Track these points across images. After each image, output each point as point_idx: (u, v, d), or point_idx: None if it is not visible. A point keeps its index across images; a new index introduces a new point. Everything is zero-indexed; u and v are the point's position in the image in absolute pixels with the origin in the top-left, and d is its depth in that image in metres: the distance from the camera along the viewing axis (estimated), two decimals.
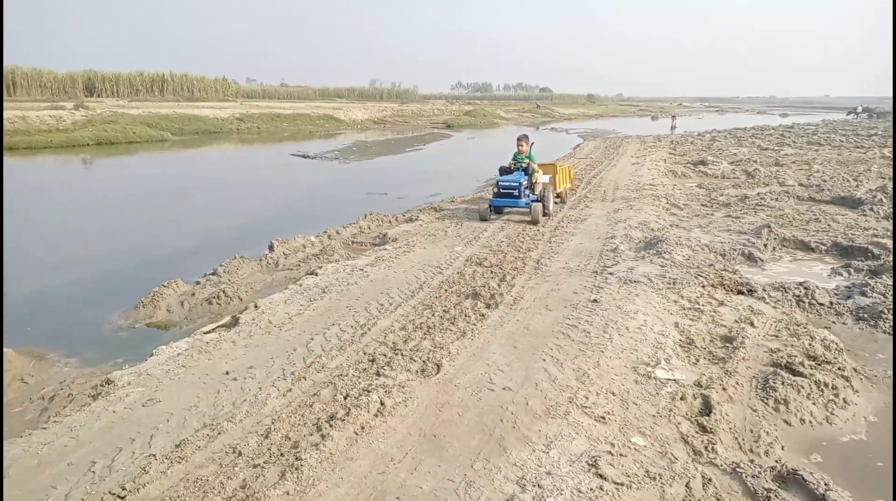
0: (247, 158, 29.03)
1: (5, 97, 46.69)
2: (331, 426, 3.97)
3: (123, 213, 14.18)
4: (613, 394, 4.48)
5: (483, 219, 10.94)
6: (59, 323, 6.94)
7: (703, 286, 6.86)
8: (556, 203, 12.42)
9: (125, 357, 5.73)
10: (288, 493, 3.31)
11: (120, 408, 4.41)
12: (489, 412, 4.20)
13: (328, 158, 25.90)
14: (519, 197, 10.88)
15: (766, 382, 4.64)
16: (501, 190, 10.99)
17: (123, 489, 3.42)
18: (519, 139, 11.47)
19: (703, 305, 6.30)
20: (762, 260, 8.18)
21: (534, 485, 3.37)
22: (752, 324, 5.75)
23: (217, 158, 28.97)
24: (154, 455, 3.73)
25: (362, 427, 3.99)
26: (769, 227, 9.30)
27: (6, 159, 24.51)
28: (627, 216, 11.25)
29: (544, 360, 5.03)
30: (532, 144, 11.55)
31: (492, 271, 7.67)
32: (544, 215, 11.19)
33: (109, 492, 3.42)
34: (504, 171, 11.51)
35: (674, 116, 54.81)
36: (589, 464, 3.58)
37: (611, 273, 7.49)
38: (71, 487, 3.52)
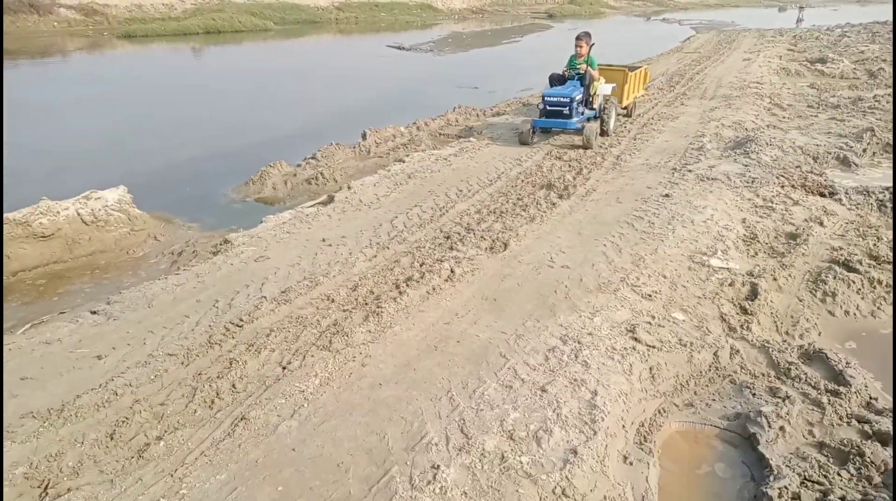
0: (343, 50, 29.42)
1: None
2: (407, 285, 4.64)
3: (232, 99, 15.22)
4: (664, 277, 4.85)
5: (524, 143, 8.97)
6: (183, 194, 7.99)
7: (783, 187, 6.83)
8: (621, 118, 10.52)
9: (238, 224, 6.64)
10: (370, 331, 4.04)
11: (236, 262, 5.29)
12: (545, 285, 4.72)
13: (422, 50, 25.81)
14: (570, 116, 8.61)
15: (818, 275, 4.83)
16: (548, 106, 8.67)
17: (241, 320, 4.27)
18: (578, 38, 9.00)
19: (776, 204, 6.35)
20: (857, 165, 7.87)
21: (574, 341, 3.91)
22: (821, 223, 5.79)
23: (316, 49, 29.56)
24: (265, 297, 4.56)
25: (433, 288, 4.63)
26: (872, 130, 8.80)
27: (135, 46, 26.28)
28: (723, 115, 10.88)
29: (605, 245, 5.42)
30: (592, 45, 9.00)
31: (569, 165, 7.93)
32: (603, 133, 9.19)
33: (230, 322, 4.28)
34: (555, 80, 9.24)
35: (801, 7, 49.01)
36: (627, 330, 4.06)
37: (689, 170, 7.55)
38: (200, 317, 4.41)
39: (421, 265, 5.03)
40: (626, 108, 10.62)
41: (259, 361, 3.73)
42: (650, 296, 4.54)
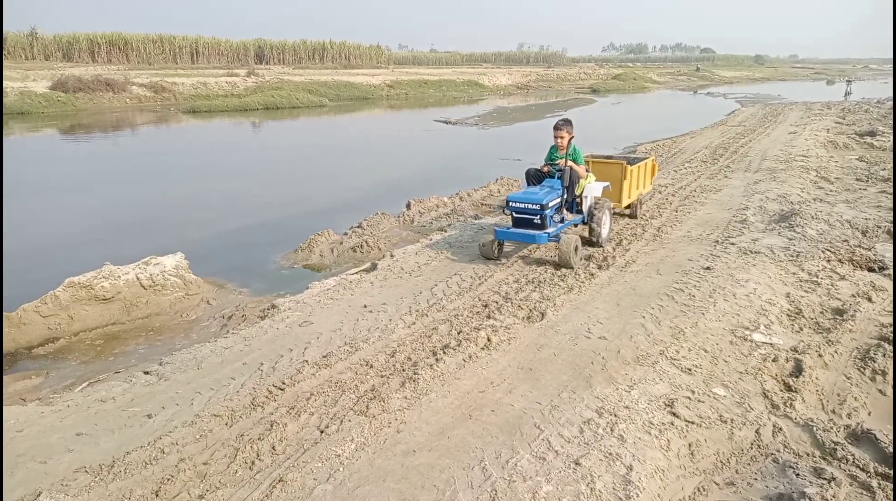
0: (393, 124, 30.69)
1: (195, 64, 52.67)
2: (444, 352, 4.72)
3: (285, 171, 16.00)
4: (705, 351, 4.80)
5: (488, 258, 7.11)
6: (235, 261, 8.37)
7: (829, 261, 6.72)
8: (621, 217, 8.82)
9: (286, 289, 6.90)
10: (406, 397, 4.12)
11: (282, 326, 5.49)
12: (582, 355, 4.73)
13: (468, 124, 26.72)
14: (543, 226, 6.68)
15: (866, 352, 4.69)
16: (514, 213, 6.83)
17: (283, 383, 4.41)
18: (556, 128, 7.22)
19: (821, 278, 6.24)
20: None
21: (610, 414, 3.88)
22: (869, 299, 5.66)
23: (366, 124, 30.94)
24: (306, 361, 4.71)
25: (470, 357, 4.70)
26: None
27: (198, 120, 28.12)
28: (768, 188, 10.85)
29: (643, 317, 5.41)
30: (571, 139, 7.23)
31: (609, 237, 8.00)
32: (591, 244, 7.41)
33: (273, 385, 4.42)
34: (532, 177, 7.47)
35: (849, 81, 48.81)
36: (665, 404, 4.01)
37: (732, 243, 7.52)
38: (245, 379, 4.58)
39: (458, 333, 5.12)
40: (628, 208, 8.85)
41: (299, 424, 3.83)
42: (690, 370, 4.49)
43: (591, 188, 7.44)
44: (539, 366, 4.57)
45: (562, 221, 7.13)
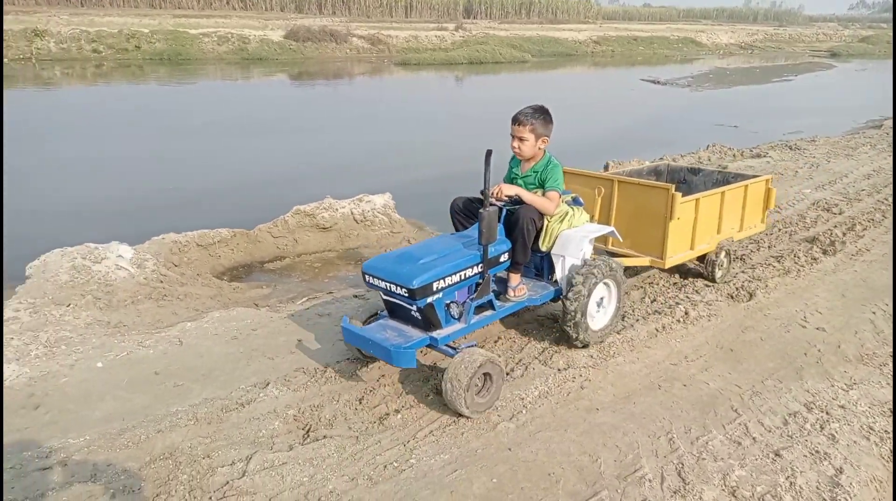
0: (596, 81, 29.62)
1: (408, 18, 55.33)
2: (634, 319, 4.59)
3: (487, 122, 16.33)
4: None
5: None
6: (435, 206, 8.78)
7: None
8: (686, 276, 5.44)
9: None
10: (591, 356, 4.10)
11: None
12: (794, 344, 4.29)
13: (679, 84, 24.90)
14: (431, 322, 3.51)
15: None
16: (383, 295, 3.63)
17: None
18: (515, 120, 3.94)
19: None
20: None
21: (821, 411, 3.51)
22: None
23: (568, 80, 30.22)
24: None
25: (663, 327, 4.51)
26: None
27: (407, 72, 29.67)
28: None
29: (874, 313, 4.75)
30: (539, 142, 3.96)
31: (840, 219, 7.05)
32: (576, 342, 4.05)
33: None
34: (459, 214, 4.13)
35: None
36: (891, 411, 3.52)
37: None
38: None
39: (652, 301, 4.93)
40: (702, 263, 5.27)
41: None
42: None
43: (570, 240, 3.93)
44: (741, 348, 4.25)
45: (491, 305, 3.76)
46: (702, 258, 5.22)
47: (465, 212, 4.07)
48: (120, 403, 3.50)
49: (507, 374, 3.83)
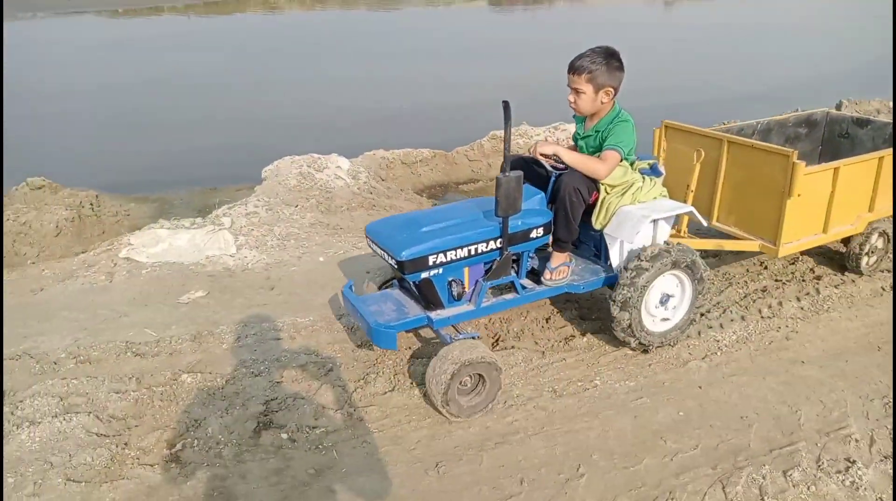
0: None
1: None
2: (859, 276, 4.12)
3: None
4: None
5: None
6: None
7: None
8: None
9: None
10: (802, 308, 3.79)
11: None
12: None
13: None
14: (429, 299, 3.06)
15: None
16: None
17: None
18: (572, 68, 3.05)
19: None
20: None
21: None
22: None
23: None
24: None
25: (891, 286, 4.01)
26: None
27: None
28: None
29: None
30: (603, 89, 3.04)
31: None
32: (626, 340, 3.25)
33: None
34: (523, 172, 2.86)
35: None
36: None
37: None
38: None
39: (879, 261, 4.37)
40: (850, 249, 4.08)
41: None
42: None
43: (627, 219, 3.10)
44: None
45: (516, 283, 3.14)
46: (847, 240, 4.08)
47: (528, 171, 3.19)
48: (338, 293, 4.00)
49: (702, 315, 3.69)
